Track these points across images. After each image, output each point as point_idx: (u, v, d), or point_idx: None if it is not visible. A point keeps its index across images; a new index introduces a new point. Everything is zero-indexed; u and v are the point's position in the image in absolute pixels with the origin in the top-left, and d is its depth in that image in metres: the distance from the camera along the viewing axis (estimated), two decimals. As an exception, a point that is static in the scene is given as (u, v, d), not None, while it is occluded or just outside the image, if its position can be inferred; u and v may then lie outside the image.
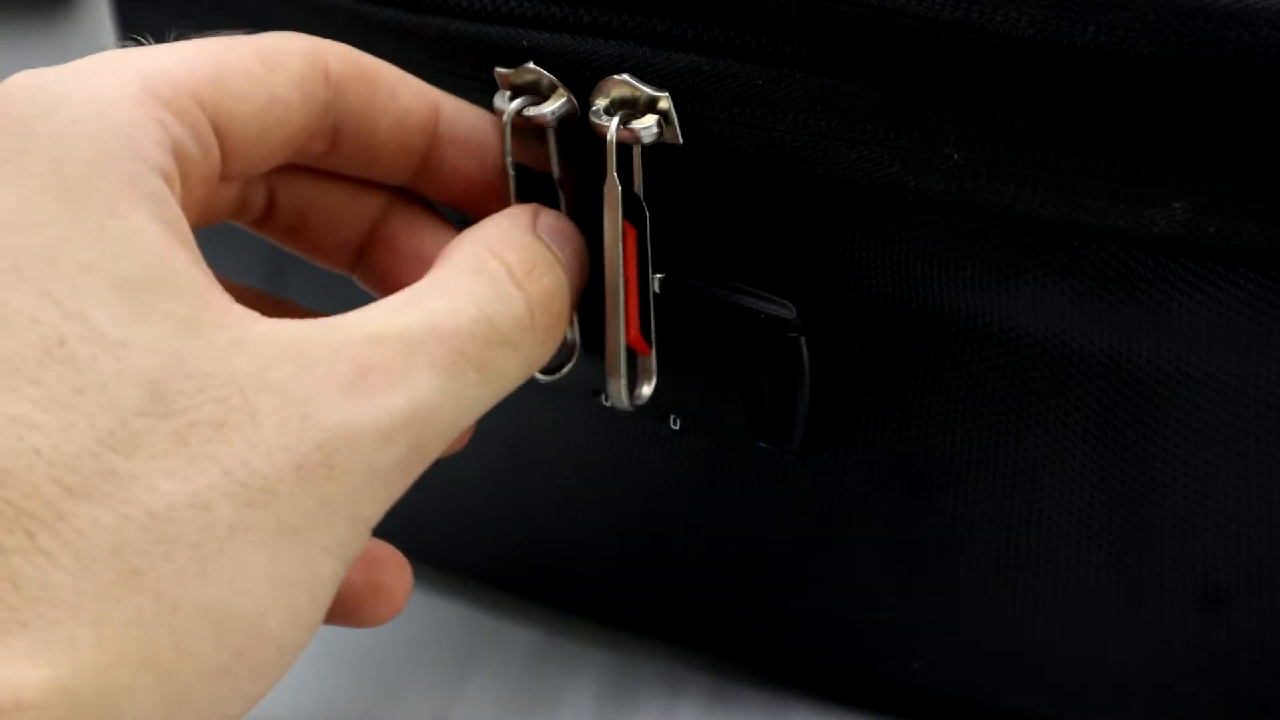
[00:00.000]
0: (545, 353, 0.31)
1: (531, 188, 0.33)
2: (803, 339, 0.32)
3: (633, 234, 0.32)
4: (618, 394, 0.34)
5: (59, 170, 0.27)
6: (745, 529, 0.37)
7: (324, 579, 0.27)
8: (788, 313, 0.32)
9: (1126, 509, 0.32)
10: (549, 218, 0.32)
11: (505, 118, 0.33)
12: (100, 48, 0.30)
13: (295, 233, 0.34)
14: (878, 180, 0.30)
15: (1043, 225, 0.29)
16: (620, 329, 0.33)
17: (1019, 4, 0.28)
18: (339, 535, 0.27)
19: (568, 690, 0.39)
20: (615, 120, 0.32)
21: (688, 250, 0.33)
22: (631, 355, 0.33)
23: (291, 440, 0.26)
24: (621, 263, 0.32)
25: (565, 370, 0.34)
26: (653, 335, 0.33)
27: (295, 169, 0.33)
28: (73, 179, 0.27)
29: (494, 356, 0.29)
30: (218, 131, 0.29)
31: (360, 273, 0.34)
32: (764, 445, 0.33)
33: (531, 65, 0.33)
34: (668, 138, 0.32)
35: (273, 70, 0.30)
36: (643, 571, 0.39)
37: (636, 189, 0.32)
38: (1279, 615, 0.31)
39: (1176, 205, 0.28)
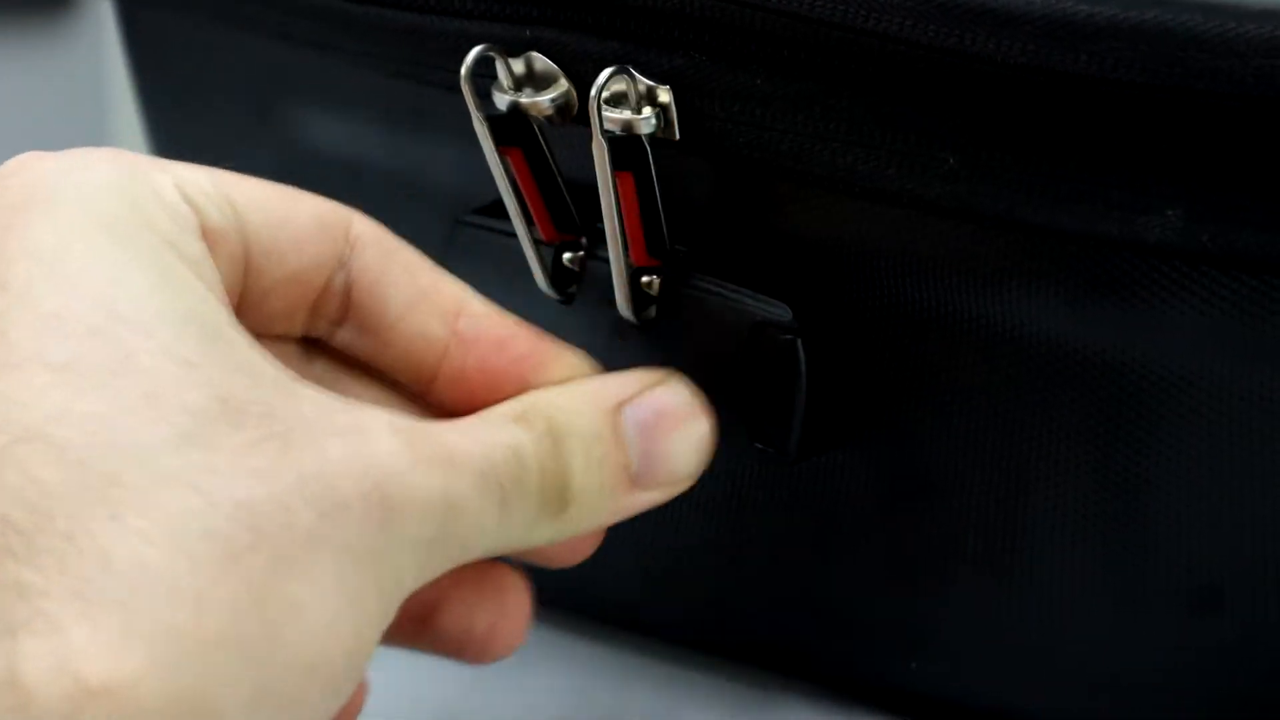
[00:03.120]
0: (556, 531, 0.30)
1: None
2: (799, 341, 0.32)
3: (629, 180, 0.32)
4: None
5: (95, 215, 0.27)
6: (741, 530, 0.37)
7: (374, 615, 0.26)
8: (784, 315, 0.32)
9: (1121, 511, 0.32)
10: (657, 399, 0.31)
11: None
12: (101, 48, 0.30)
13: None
14: (875, 182, 0.30)
15: (1038, 230, 0.29)
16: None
17: (1012, 32, 0.28)
18: (385, 583, 0.26)
19: (564, 687, 0.39)
20: (645, 111, 0.31)
21: (684, 250, 0.33)
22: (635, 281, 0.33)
23: (358, 470, 0.26)
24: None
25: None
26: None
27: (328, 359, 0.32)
28: (113, 224, 0.27)
29: (513, 498, 0.28)
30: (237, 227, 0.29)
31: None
32: (760, 447, 0.33)
33: (535, 54, 0.33)
34: (665, 134, 0.32)
35: (292, 200, 0.30)
36: (637, 572, 0.39)
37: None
38: (1272, 617, 0.31)
39: (1170, 213, 0.28)
